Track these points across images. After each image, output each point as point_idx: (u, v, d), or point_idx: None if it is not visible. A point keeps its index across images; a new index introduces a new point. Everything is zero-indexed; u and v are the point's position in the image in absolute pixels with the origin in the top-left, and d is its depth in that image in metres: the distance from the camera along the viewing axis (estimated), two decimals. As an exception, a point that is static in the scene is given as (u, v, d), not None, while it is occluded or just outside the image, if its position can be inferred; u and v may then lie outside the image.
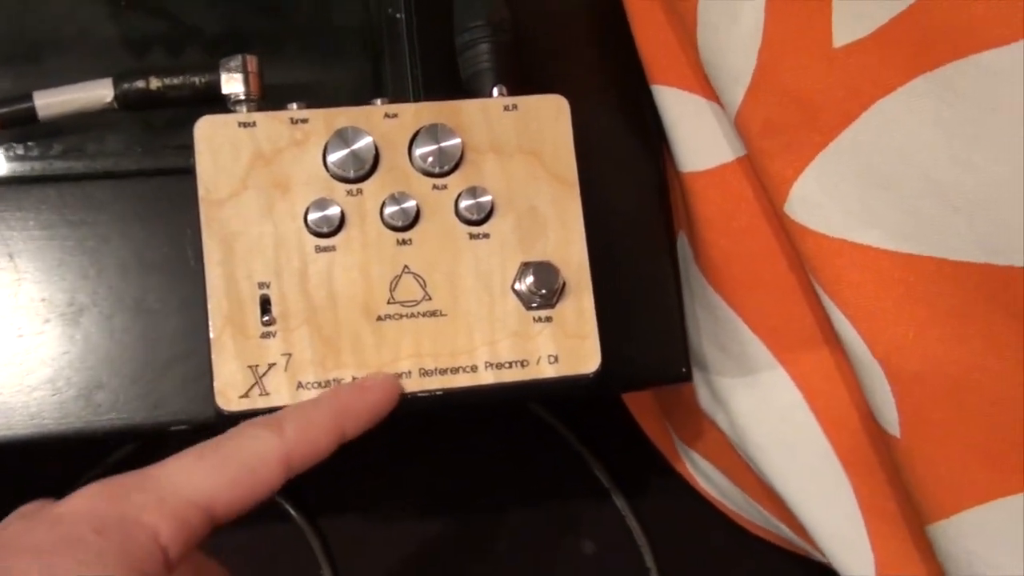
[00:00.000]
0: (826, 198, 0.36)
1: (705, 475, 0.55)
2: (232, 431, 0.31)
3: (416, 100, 0.42)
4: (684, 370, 0.44)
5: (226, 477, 0.29)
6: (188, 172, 0.36)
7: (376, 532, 0.58)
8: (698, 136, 0.42)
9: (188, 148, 0.36)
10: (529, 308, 0.37)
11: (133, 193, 0.40)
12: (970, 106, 0.30)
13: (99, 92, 0.38)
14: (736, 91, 0.38)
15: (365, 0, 0.44)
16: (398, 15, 0.43)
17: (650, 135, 0.46)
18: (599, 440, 0.60)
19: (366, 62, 0.44)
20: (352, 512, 0.59)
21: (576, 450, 0.60)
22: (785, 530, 0.49)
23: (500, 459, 0.60)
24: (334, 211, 0.36)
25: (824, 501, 0.42)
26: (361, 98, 0.38)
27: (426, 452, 0.60)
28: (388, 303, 0.37)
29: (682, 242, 0.46)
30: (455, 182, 0.37)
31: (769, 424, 0.43)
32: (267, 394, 0.35)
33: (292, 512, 0.57)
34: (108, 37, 0.42)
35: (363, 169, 0.37)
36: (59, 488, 0.54)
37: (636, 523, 0.59)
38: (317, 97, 0.39)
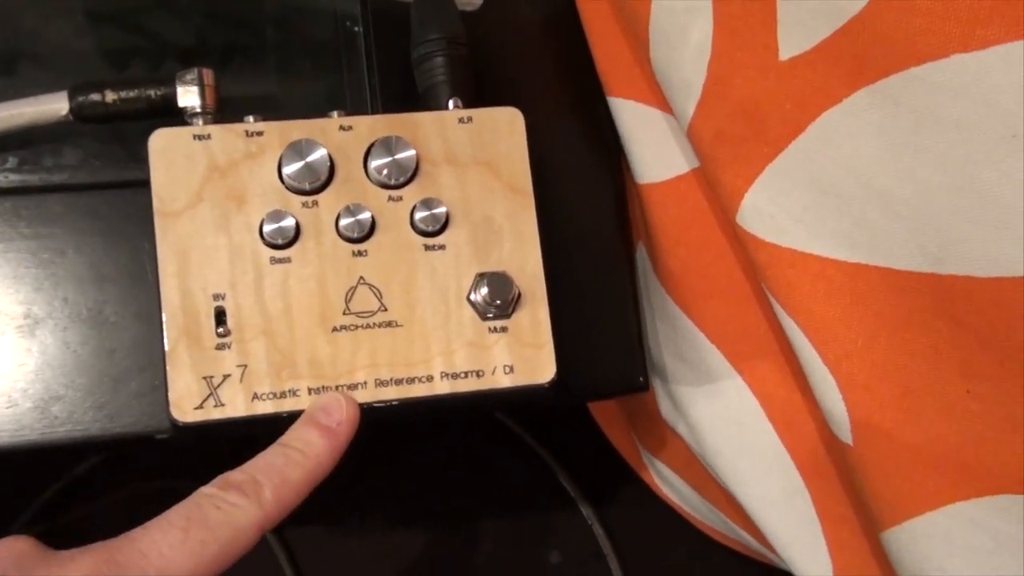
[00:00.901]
0: (776, 208, 0.36)
1: (669, 484, 0.55)
2: (215, 496, 0.32)
3: (374, 112, 0.43)
4: (642, 379, 0.44)
5: (208, 555, 0.30)
6: (144, 184, 0.37)
7: (342, 542, 0.58)
8: (654, 147, 0.43)
9: (144, 160, 0.37)
10: (484, 319, 0.37)
11: (89, 206, 0.39)
12: (910, 117, 0.31)
13: (54, 106, 0.38)
14: (687, 103, 0.38)
15: (324, 14, 0.44)
16: (356, 28, 0.44)
17: (608, 147, 0.46)
18: (565, 449, 0.60)
19: (325, 75, 0.44)
20: (318, 523, 0.58)
21: (542, 459, 0.60)
22: (747, 537, 0.49)
23: (466, 468, 0.60)
24: (289, 223, 0.37)
25: (782, 507, 0.42)
26: (320, 110, 0.38)
27: (393, 462, 0.60)
28: (344, 314, 0.37)
29: (641, 253, 0.47)
30: (410, 194, 0.38)
31: (728, 432, 0.44)
32: (222, 405, 0.35)
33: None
34: (71, 49, 0.43)
35: (318, 181, 0.37)
36: (21, 498, 0.54)
37: (603, 532, 0.59)
38: (276, 109, 0.40)
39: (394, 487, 0.59)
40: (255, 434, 0.36)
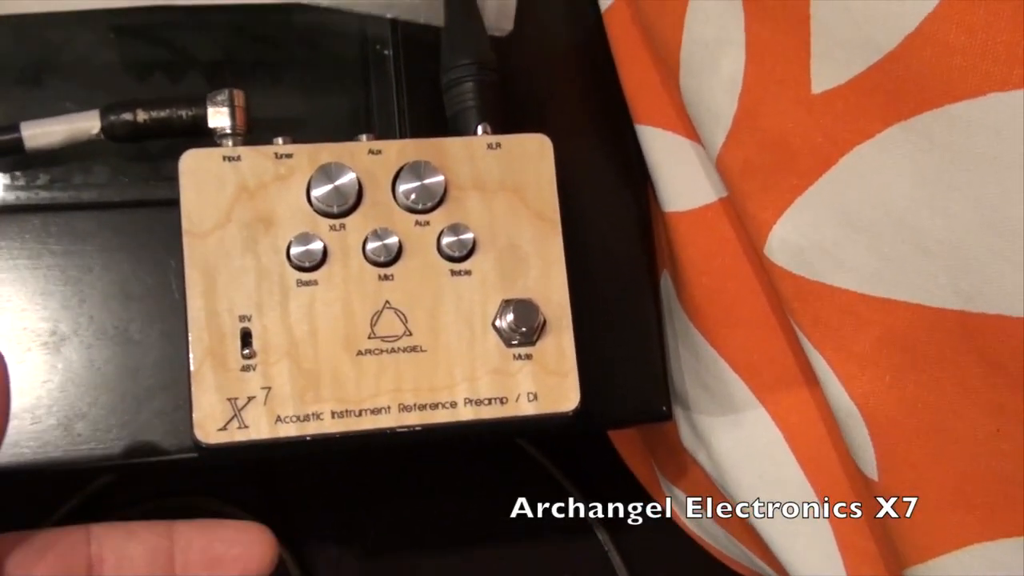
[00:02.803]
0: (805, 241, 0.36)
1: (688, 512, 0.55)
2: None
3: (402, 136, 0.43)
4: (665, 409, 0.44)
5: None
6: (173, 204, 0.37)
7: (357, 563, 0.58)
8: (681, 176, 0.43)
9: (173, 180, 0.37)
10: (509, 345, 0.37)
11: (117, 224, 0.40)
12: (944, 155, 0.31)
13: (86, 124, 0.38)
14: (717, 133, 0.38)
15: (354, 36, 0.44)
16: (386, 51, 0.44)
17: (634, 174, 0.46)
18: (583, 473, 0.60)
19: (354, 97, 0.44)
20: (334, 542, 0.58)
21: (559, 483, 0.60)
22: (766, 568, 0.49)
23: (482, 491, 0.60)
24: (317, 246, 0.37)
25: (803, 540, 0.42)
26: (348, 132, 0.38)
27: (409, 484, 0.60)
28: (369, 338, 0.37)
29: (666, 281, 0.47)
30: (438, 219, 0.38)
31: (749, 463, 0.43)
32: (245, 427, 0.35)
33: (273, 542, 0.56)
34: (100, 65, 0.43)
35: (346, 204, 0.37)
36: (37, 513, 0.54)
37: (619, 559, 0.59)
38: (304, 130, 0.40)
39: (411, 508, 0.59)
40: (277, 457, 0.36)
